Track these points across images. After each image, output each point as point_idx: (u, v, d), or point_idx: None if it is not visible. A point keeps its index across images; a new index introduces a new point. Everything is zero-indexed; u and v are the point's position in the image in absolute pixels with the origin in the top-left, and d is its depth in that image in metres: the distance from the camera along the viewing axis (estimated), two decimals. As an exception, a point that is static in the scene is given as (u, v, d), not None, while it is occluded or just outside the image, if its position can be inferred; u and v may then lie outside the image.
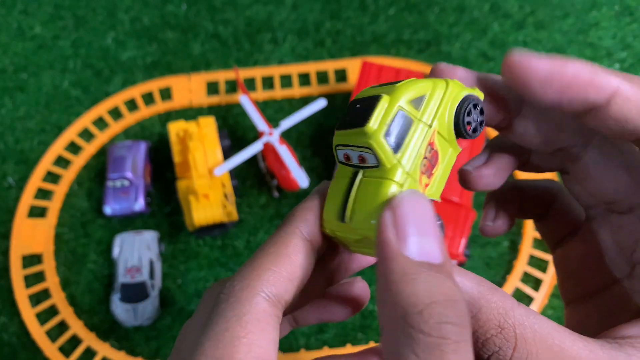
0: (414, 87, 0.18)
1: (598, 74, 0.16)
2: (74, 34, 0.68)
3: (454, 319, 0.14)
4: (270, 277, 0.17)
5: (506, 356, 0.16)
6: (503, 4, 0.69)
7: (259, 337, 0.16)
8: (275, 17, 0.69)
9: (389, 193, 0.17)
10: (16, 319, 0.54)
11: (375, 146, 0.17)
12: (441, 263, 0.15)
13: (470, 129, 0.19)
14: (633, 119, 0.17)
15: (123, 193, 0.57)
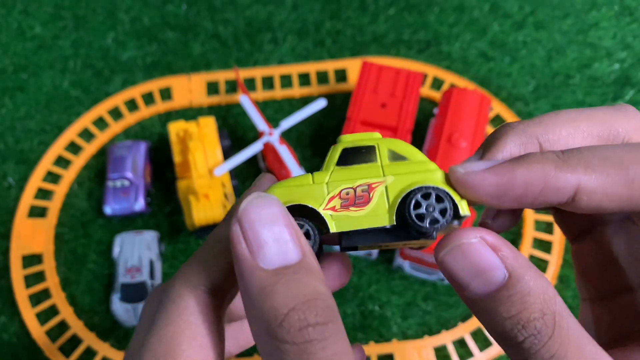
0: (407, 148, 0.19)
1: (552, 177, 0.16)
2: (74, 34, 0.68)
3: (315, 319, 0.14)
4: (210, 269, 0.18)
5: (542, 341, 0.15)
6: (503, 4, 0.69)
7: (201, 327, 0.17)
8: (275, 17, 0.69)
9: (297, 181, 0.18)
10: (16, 319, 0.54)
11: (331, 150, 0.19)
12: (299, 260, 0.15)
13: (426, 221, 0.17)
14: (607, 207, 0.16)
15: (123, 193, 0.57)
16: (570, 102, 0.63)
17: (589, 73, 0.64)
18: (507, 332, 0.16)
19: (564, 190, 0.16)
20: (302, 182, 0.18)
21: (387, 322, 0.53)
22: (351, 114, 0.56)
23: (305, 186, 0.18)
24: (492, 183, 0.16)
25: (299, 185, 0.18)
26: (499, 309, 0.16)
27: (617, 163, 0.15)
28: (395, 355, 0.51)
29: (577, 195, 0.16)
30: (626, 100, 0.63)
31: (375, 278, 0.55)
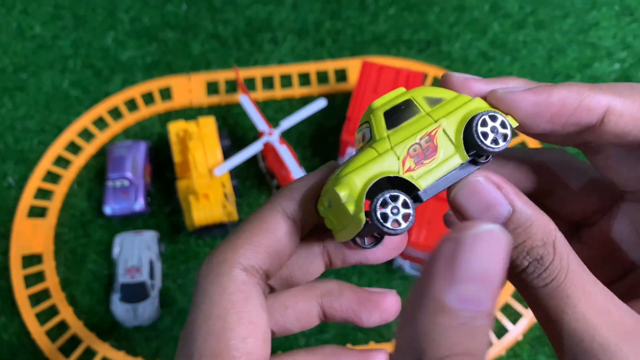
0: (435, 90, 0.19)
1: (586, 96, 0.17)
2: (73, 33, 0.68)
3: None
4: (247, 251, 0.18)
5: (544, 265, 0.17)
6: (503, 3, 0.69)
7: (244, 305, 0.17)
8: (275, 17, 0.69)
9: (367, 158, 0.18)
10: (16, 319, 0.54)
11: (372, 119, 0.19)
12: (484, 310, 0.14)
13: (488, 139, 0.18)
14: (631, 132, 0.17)
15: (123, 193, 0.57)
16: (571, 102, 0.63)
17: (590, 73, 0.64)
18: (514, 261, 0.17)
19: (595, 110, 0.17)
20: (369, 157, 0.18)
21: (387, 322, 0.53)
22: (351, 114, 0.56)
23: (375, 160, 0.18)
24: (531, 100, 0.17)
25: (369, 161, 0.18)
26: None
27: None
28: (395, 356, 0.51)
29: (607, 117, 0.17)
30: (626, 100, 0.63)
31: (376, 278, 0.55)
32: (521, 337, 0.52)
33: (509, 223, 0.17)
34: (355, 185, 0.17)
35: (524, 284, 0.17)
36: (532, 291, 0.17)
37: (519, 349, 0.52)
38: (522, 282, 0.17)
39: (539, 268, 0.17)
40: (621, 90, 0.17)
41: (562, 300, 0.17)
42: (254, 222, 0.19)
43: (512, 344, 0.51)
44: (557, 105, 0.17)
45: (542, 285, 0.17)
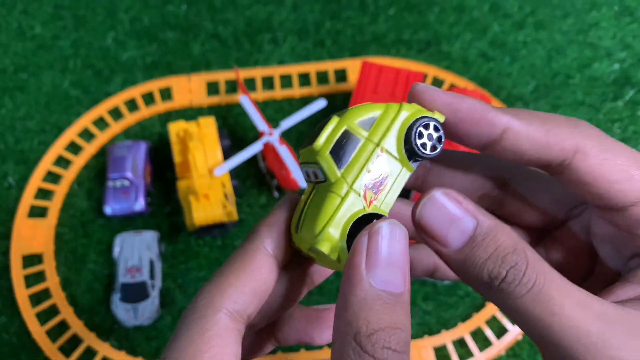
0: (364, 109, 0.19)
1: (489, 111, 0.19)
2: (74, 34, 0.68)
3: (395, 345, 0.16)
4: (233, 293, 0.19)
5: (521, 271, 0.17)
6: (503, 4, 0.69)
7: (221, 350, 0.18)
8: (275, 17, 0.69)
9: (333, 205, 0.18)
10: (16, 319, 0.54)
11: (320, 162, 0.19)
12: (400, 292, 0.17)
13: (426, 148, 0.19)
14: (528, 151, 0.19)
15: (123, 193, 0.57)
16: (570, 102, 0.63)
17: (589, 73, 0.64)
18: (490, 272, 0.17)
19: (496, 125, 0.19)
20: (334, 204, 0.18)
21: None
22: (351, 114, 0.56)
23: (341, 205, 0.18)
24: (445, 100, 0.19)
25: (336, 209, 0.18)
26: (478, 253, 0.18)
27: (537, 117, 0.19)
28: (395, 355, 0.51)
29: (505, 133, 0.19)
30: (626, 100, 0.63)
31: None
32: (521, 337, 0.52)
33: (477, 235, 0.18)
34: (334, 238, 0.18)
35: (506, 297, 0.17)
36: (515, 302, 0.17)
37: (519, 348, 0.52)
38: (504, 294, 0.17)
39: (518, 274, 0.17)
40: (521, 114, 0.19)
41: (547, 303, 0.17)
42: (238, 262, 0.20)
43: (511, 344, 0.52)
44: (465, 111, 0.19)
45: (525, 292, 0.17)
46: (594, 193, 0.19)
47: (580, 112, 0.62)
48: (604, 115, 0.62)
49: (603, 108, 0.62)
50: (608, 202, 0.19)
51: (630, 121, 0.61)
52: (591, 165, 0.19)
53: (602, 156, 0.19)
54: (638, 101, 0.62)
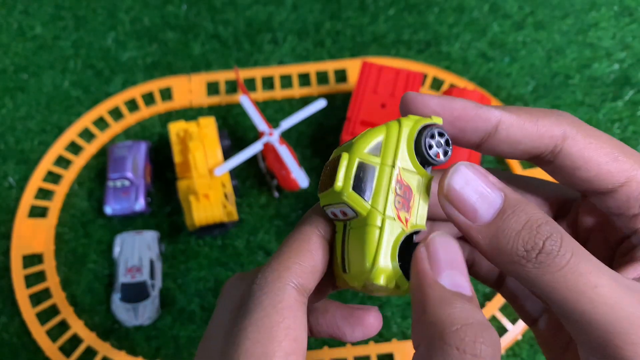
0: (368, 137, 0.20)
1: (481, 107, 0.20)
2: (74, 34, 0.69)
3: (488, 340, 0.16)
4: (297, 269, 0.20)
5: (558, 241, 0.17)
6: (502, 4, 0.69)
7: (293, 321, 0.19)
8: (275, 17, 0.69)
9: (374, 237, 0.19)
10: (17, 319, 0.54)
11: (347, 200, 0.19)
12: (471, 296, 0.18)
13: (439, 155, 0.20)
14: (521, 141, 0.20)
15: (123, 193, 0.57)
16: (570, 102, 0.63)
17: (589, 73, 0.64)
18: (526, 243, 0.17)
19: (489, 120, 0.20)
20: (374, 236, 0.19)
21: (387, 321, 0.53)
22: (351, 114, 0.56)
23: (382, 235, 0.19)
24: (437, 102, 0.20)
25: (379, 240, 0.19)
26: (510, 225, 0.18)
27: (524, 110, 0.20)
28: (395, 355, 0.51)
29: (499, 126, 0.20)
30: (625, 100, 0.63)
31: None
32: (520, 337, 0.52)
33: (506, 207, 0.18)
34: (387, 268, 0.19)
35: (545, 269, 0.17)
36: (554, 275, 0.17)
37: (519, 348, 0.52)
38: (542, 267, 0.17)
39: (555, 245, 0.17)
40: (509, 108, 0.20)
41: (588, 276, 0.17)
42: (297, 243, 0.21)
43: (511, 344, 0.52)
44: (459, 109, 0.20)
45: (564, 264, 0.17)
46: (585, 177, 0.20)
47: (579, 112, 0.62)
48: (603, 115, 0.62)
49: (603, 108, 0.62)
50: (598, 185, 0.20)
51: (630, 121, 0.61)
52: (581, 149, 0.20)
53: (587, 141, 0.20)
54: (638, 101, 0.63)
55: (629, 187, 0.20)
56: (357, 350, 0.51)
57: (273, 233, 0.57)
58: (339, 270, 0.21)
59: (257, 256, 0.56)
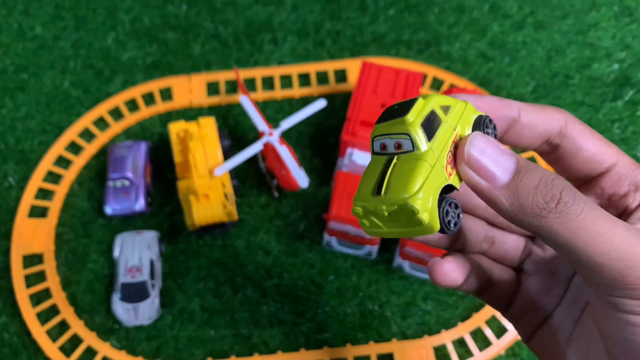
0: (444, 99, 0.22)
1: (505, 100, 0.24)
2: (74, 34, 0.69)
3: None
4: None
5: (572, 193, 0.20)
6: (502, 4, 0.69)
7: None
8: (275, 17, 0.69)
9: (425, 171, 0.21)
10: (17, 319, 0.54)
11: (413, 132, 0.21)
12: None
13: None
14: (537, 125, 0.23)
15: (124, 193, 0.57)
16: (570, 102, 0.63)
17: (589, 73, 0.64)
18: (545, 195, 0.20)
19: (513, 107, 0.23)
20: (426, 171, 0.21)
21: (387, 321, 0.53)
22: (351, 114, 0.56)
23: (433, 174, 0.21)
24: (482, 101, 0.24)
25: (428, 176, 0.21)
26: (528, 181, 0.20)
27: (528, 104, 0.24)
28: (395, 355, 0.51)
29: (521, 112, 0.23)
30: (625, 100, 0.63)
31: (375, 278, 0.55)
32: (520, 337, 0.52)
33: (519, 168, 0.21)
34: (428, 199, 0.20)
35: (565, 217, 0.19)
36: (575, 220, 0.19)
37: (518, 348, 0.52)
38: (562, 215, 0.19)
39: (571, 195, 0.20)
40: (525, 103, 0.24)
41: (604, 220, 0.19)
42: None
43: (511, 344, 0.52)
44: (489, 102, 0.24)
45: (580, 211, 0.19)
46: (586, 157, 0.23)
47: (579, 112, 0.62)
48: (603, 115, 0.62)
49: (602, 108, 0.62)
50: (597, 165, 0.23)
51: (630, 121, 0.62)
52: (580, 132, 0.23)
53: (583, 127, 0.23)
54: (637, 101, 0.63)
55: (619, 167, 0.23)
56: (357, 350, 0.51)
57: (273, 233, 0.57)
58: (366, 193, 0.22)
59: (257, 256, 0.56)
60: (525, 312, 0.27)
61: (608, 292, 0.20)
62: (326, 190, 0.59)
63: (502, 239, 0.26)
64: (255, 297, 0.54)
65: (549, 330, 0.25)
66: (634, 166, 0.24)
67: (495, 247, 0.26)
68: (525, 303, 0.27)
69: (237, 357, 0.52)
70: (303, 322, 0.53)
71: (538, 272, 0.26)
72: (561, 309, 0.25)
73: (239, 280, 0.55)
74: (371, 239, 0.52)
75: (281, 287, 0.55)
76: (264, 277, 0.55)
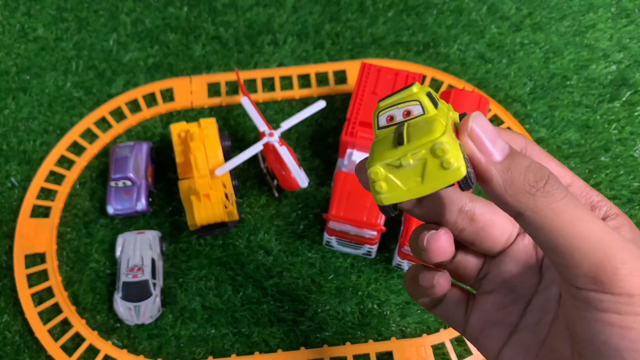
0: (430, 90, 0.23)
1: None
2: (76, 35, 0.69)
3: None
4: None
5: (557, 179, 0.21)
6: (500, 6, 0.69)
7: None
8: (275, 19, 0.69)
9: (442, 124, 0.21)
10: (19, 318, 0.54)
11: (422, 97, 0.22)
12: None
13: None
14: None
15: (125, 193, 0.57)
16: (567, 103, 0.63)
17: (586, 74, 0.65)
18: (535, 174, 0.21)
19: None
20: (442, 126, 0.21)
21: (386, 320, 0.53)
22: (350, 115, 0.56)
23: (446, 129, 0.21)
24: None
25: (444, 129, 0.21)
26: (520, 161, 0.21)
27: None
28: (394, 353, 0.51)
29: None
30: (622, 102, 0.63)
31: (374, 277, 0.55)
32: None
33: (512, 151, 0.22)
34: (455, 145, 0.21)
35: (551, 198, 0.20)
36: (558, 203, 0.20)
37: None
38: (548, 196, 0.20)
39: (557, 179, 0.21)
40: None
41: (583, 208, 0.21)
42: None
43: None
44: None
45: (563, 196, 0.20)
46: None
47: (577, 113, 0.63)
48: (600, 116, 0.62)
49: (600, 109, 0.63)
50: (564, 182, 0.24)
51: (627, 122, 0.62)
52: (537, 152, 0.24)
53: (540, 150, 0.25)
54: (634, 102, 0.63)
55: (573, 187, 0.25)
56: (357, 348, 0.52)
57: (273, 233, 0.58)
58: (385, 150, 0.22)
59: (258, 255, 0.57)
60: (485, 327, 0.27)
61: (585, 285, 0.20)
62: (326, 190, 0.59)
63: (464, 255, 0.27)
64: (255, 296, 0.55)
65: (517, 346, 0.25)
66: (588, 188, 0.25)
67: (457, 261, 0.27)
68: (484, 317, 0.27)
69: (238, 356, 0.52)
70: (303, 320, 0.54)
71: (495, 290, 0.27)
72: (523, 331, 0.25)
73: (239, 279, 0.56)
74: (370, 239, 0.53)
75: (281, 286, 0.55)
76: (265, 276, 0.56)
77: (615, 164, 0.60)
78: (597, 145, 0.61)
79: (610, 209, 0.24)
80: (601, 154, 0.60)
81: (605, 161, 0.60)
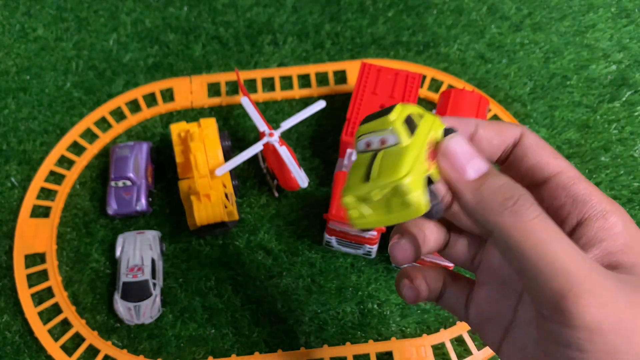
0: (416, 108, 0.24)
1: (463, 120, 0.25)
2: (76, 35, 0.69)
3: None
4: None
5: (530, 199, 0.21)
6: (500, 6, 0.69)
7: None
8: (275, 19, 0.69)
9: (412, 156, 0.22)
10: (19, 318, 0.54)
11: (397, 127, 0.23)
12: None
13: None
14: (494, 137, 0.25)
15: (125, 193, 0.57)
16: (567, 103, 0.63)
17: (586, 74, 0.65)
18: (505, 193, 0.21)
19: (470, 124, 0.26)
20: (413, 156, 0.22)
21: (386, 320, 0.53)
22: (350, 115, 0.56)
23: (419, 160, 0.22)
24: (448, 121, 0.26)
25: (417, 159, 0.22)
26: (494, 181, 0.22)
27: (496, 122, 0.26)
28: (394, 353, 0.51)
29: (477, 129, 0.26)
30: (622, 101, 0.63)
31: (374, 277, 0.55)
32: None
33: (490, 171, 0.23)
34: (418, 184, 0.22)
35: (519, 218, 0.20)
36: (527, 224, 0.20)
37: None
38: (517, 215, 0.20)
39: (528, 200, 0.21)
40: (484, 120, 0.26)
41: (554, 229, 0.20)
42: None
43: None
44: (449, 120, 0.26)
45: (535, 216, 0.20)
46: (528, 165, 0.25)
47: (577, 113, 0.63)
48: (600, 116, 0.62)
49: (600, 109, 0.63)
50: (539, 174, 0.25)
51: (627, 122, 0.62)
52: (531, 144, 0.25)
53: (537, 139, 0.25)
54: (635, 102, 0.63)
55: (559, 177, 0.24)
56: (357, 348, 0.52)
57: (273, 233, 0.58)
58: (356, 183, 0.23)
59: (258, 255, 0.57)
60: (482, 321, 0.27)
61: (549, 314, 0.19)
62: (326, 190, 0.59)
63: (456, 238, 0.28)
64: (255, 296, 0.55)
65: (514, 343, 0.25)
66: (578, 180, 0.23)
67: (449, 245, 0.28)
68: (480, 311, 0.27)
69: (238, 356, 0.52)
70: (303, 320, 0.54)
71: (488, 282, 0.27)
72: (517, 328, 0.25)
73: (239, 279, 0.56)
74: (370, 239, 0.53)
75: (281, 286, 0.55)
76: (265, 276, 0.56)
77: (615, 164, 0.60)
78: (597, 145, 0.61)
79: (598, 205, 0.23)
80: (601, 154, 0.60)
81: (605, 161, 0.60)
